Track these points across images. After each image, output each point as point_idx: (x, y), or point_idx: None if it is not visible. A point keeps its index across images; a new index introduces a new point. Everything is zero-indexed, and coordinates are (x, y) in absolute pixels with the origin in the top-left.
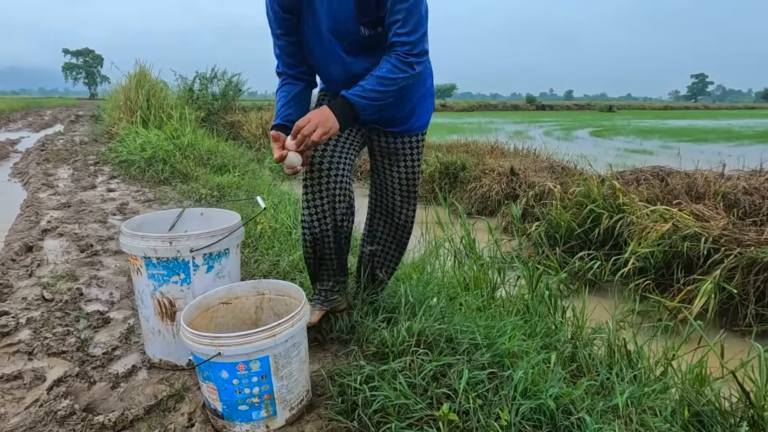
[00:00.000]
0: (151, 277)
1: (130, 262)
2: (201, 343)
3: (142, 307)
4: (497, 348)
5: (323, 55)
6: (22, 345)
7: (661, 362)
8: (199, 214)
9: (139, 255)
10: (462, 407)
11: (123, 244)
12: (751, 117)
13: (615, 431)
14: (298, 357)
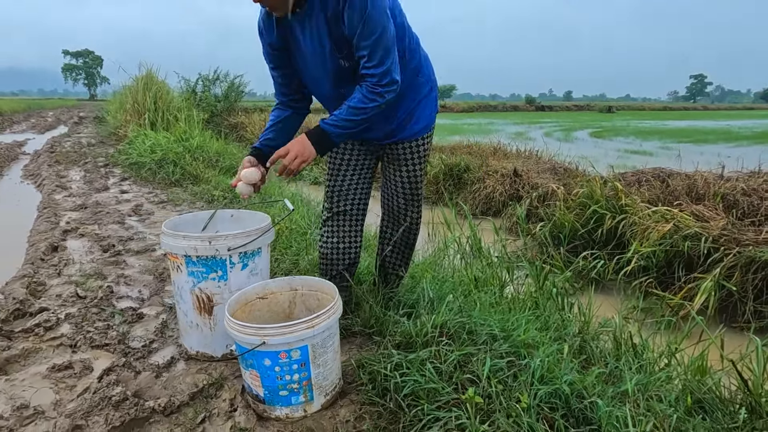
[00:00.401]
0: (190, 274)
1: (170, 260)
2: (246, 333)
3: (180, 302)
4: (513, 339)
5: (313, 82)
6: (65, 338)
7: (664, 354)
8: (230, 215)
9: (179, 254)
10: (485, 392)
11: (164, 243)
12: (750, 118)
13: (626, 413)
14: (333, 347)
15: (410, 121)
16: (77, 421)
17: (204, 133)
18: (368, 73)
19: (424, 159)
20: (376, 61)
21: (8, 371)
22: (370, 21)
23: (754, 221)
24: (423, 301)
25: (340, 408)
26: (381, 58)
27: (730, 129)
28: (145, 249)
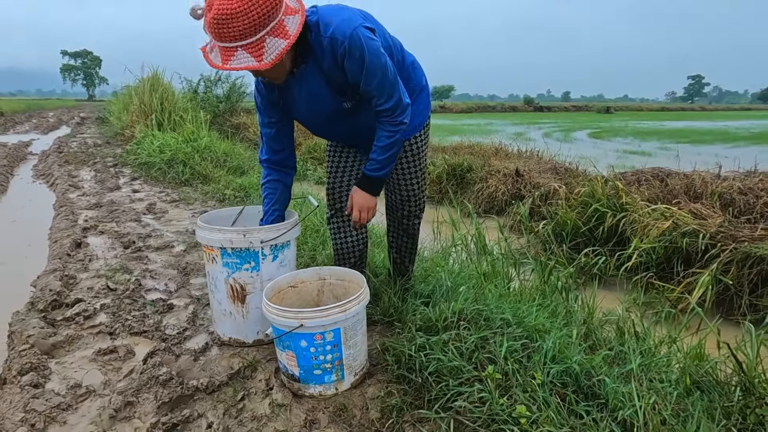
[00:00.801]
0: (225, 264)
1: (206, 252)
2: (285, 317)
3: (215, 291)
4: (525, 325)
5: (308, 121)
6: (103, 327)
7: (665, 342)
8: (257, 211)
9: (215, 246)
10: (503, 369)
11: (200, 236)
12: (747, 118)
13: (631, 389)
14: (362, 330)
15: None
16: (129, 398)
17: (211, 133)
18: (382, 109)
19: (420, 155)
20: (385, 97)
21: (56, 355)
22: (371, 67)
23: (750, 219)
24: (438, 291)
25: (368, 387)
26: (389, 93)
27: (728, 130)
28: (165, 245)
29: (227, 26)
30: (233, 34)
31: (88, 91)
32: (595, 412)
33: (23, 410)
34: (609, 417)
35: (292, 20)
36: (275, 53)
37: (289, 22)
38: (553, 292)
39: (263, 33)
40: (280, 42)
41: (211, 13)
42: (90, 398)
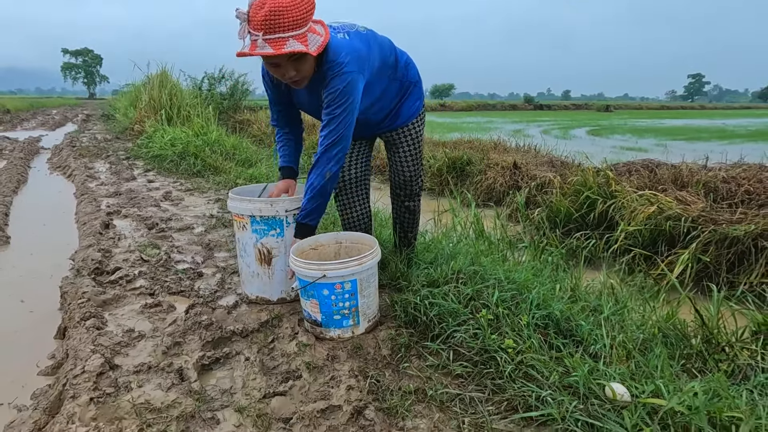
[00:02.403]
0: (254, 231)
1: (236, 221)
2: (311, 269)
3: (244, 255)
4: (515, 281)
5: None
6: (143, 289)
7: (640, 304)
8: None
9: (246, 214)
10: (494, 313)
11: (232, 206)
12: (746, 117)
13: (602, 333)
14: (374, 283)
15: (397, 117)
16: (176, 339)
17: (219, 128)
18: (321, 135)
19: (418, 139)
20: (326, 131)
21: (108, 309)
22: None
23: (731, 204)
24: (440, 258)
25: (380, 331)
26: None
27: (725, 128)
28: (186, 227)
29: (281, 17)
30: (286, 25)
31: (89, 89)
32: (571, 347)
33: (92, 344)
34: (583, 351)
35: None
36: (317, 44)
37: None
38: (544, 268)
39: (305, 29)
40: (317, 38)
41: (264, 9)
42: (144, 339)
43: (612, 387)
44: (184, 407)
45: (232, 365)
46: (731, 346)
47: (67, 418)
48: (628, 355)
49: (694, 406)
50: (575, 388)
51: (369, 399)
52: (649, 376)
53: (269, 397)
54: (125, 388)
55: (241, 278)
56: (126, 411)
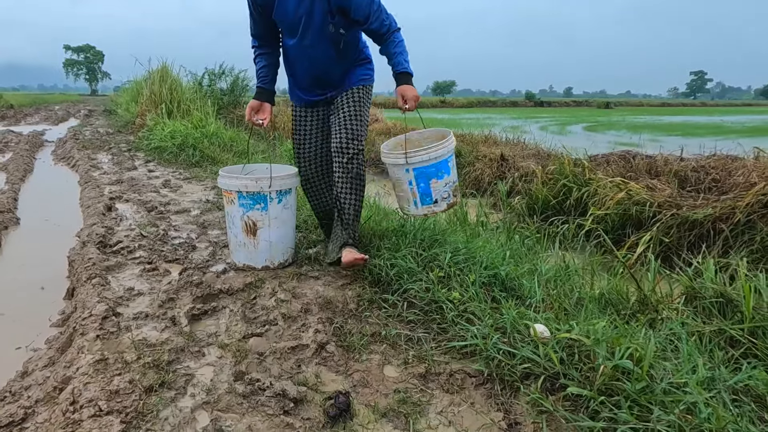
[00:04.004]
0: (241, 205)
1: (225, 196)
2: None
3: (232, 227)
4: (471, 248)
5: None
6: (142, 258)
7: (588, 273)
8: (265, 168)
9: (233, 189)
10: (446, 272)
11: (222, 183)
12: (746, 114)
13: (537, 289)
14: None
15: (345, 80)
16: (171, 295)
17: (217, 121)
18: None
19: (362, 104)
20: (380, 23)
21: (111, 273)
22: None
23: (698, 191)
24: (408, 231)
25: (348, 290)
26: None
27: (722, 124)
28: (183, 210)
29: None
30: None
31: (91, 85)
32: (511, 301)
33: (98, 296)
34: (520, 303)
35: None
36: None
37: None
38: (512, 246)
39: None
40: None
41: None
42: (142, 295)
43: (534, 327)
44: (176, 343)
45: (218, 316)
46: (659, 305)
47: (77, 350)
48: (559, 306)
49: (597, 338)
50: (505, 328)
51: (332, 339)
52: (570, 320)
53: (248, 337)
54: (126, 329)
55: (230, 248)
56: (126, 345)
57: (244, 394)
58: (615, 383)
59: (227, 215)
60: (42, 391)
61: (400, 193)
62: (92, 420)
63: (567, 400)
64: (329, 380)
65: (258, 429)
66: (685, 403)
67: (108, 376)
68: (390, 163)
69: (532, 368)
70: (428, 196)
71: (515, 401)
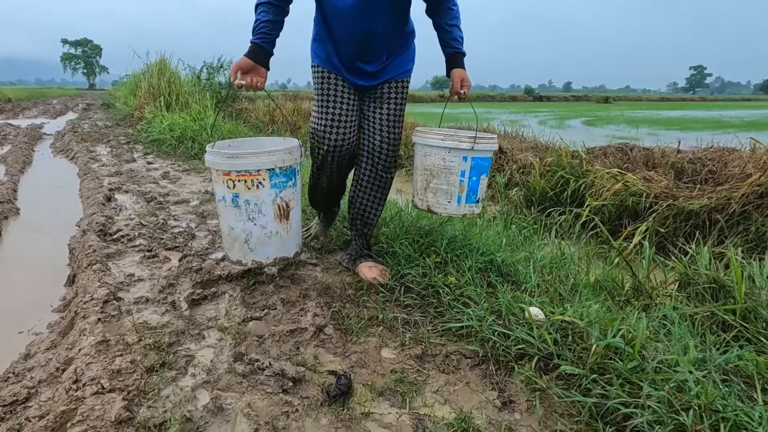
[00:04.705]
0: (273, 186)
1: (249, 179)
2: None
3: (258, 218)
4: (470, 236)
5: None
6: (143, 246)
7: (583, 260)
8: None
9: (263, 168)
10: (443, 258)
11: (247, 163)
12: (745, 108)
13: (533, 275)
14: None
15: (396, 63)
16: (171, 281)
17: (217, 114)
18: None
19: (403, 102)
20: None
21: (111, 260)
22: None
23: (694, 182)
24: (406, 219)
25: (346, 276)
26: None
27: (721, 118)
28: (182, 201)
29: None
30: None
31: (89, 80)
32: (506, 285)
33: (99, 282)
34: (517, 289)
35: None
36: None
37: None
38: (509, 234)
39: None
40: None
41: None
42: (143, 281)
43: (529, 310)
44: (176, 326)
45: (217, 301)
46: (653, 291)
47: (78, 332)
48: (554, 291)
49: (591, 320)
50: (500, 311)
51: (330, 322)
52: (564, 304)
53: (247, 321)
54: (127, 312)
55: (248, 247)
56: (127, 328)
57: (244, 374)
58: (607, 362)
59: (245, 207)
60: (45, 372)
61: (441, 186)
62: (95, 397)
63: (560, 379)
64: (327, 361)
65: (257, 407)
66: (675, 380)
67: (110, 357)
68: (443, 147)
69: (526, 349)
70: (474, 193)
71: (510, 380)
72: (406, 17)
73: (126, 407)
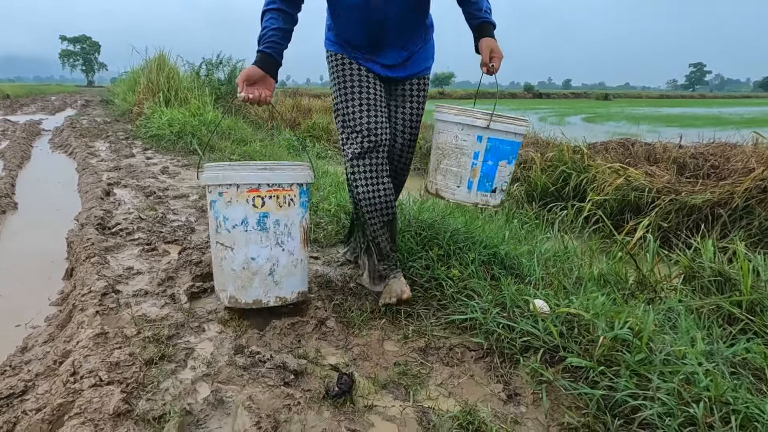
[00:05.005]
0: (302, 204)
1: (282, 194)
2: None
3: (287, 242)
4: (472, 229)
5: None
6: (142, 239)
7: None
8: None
9: (296, 182)
10: (445, 251)
11: (282, 176)
12: (745, 105)
13: (537, 268)
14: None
15: (420, 56)
16: (170, 274)
17: (215, 109)
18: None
19: (425, 100)
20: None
21: (110, 253)
22: None
23: (696, 177)
24: (407, 212)
25: (348, 270)
26: None
27: (720, 115)
28: (181, 195)
29: None
30: None
31: (87, 77)
32: (510, 277)
33: (97, 274)
34: (521, 281)
35: None
36: None
37: None
38: (511, 228)
39: None
40: None
41: None
42: (141, 274)
43: (534, 302)
44: (176, 319)
45: None
46: (658, 284)
47: (76, 325)
48: (558, 284)
49: (597, 312)
50: (505, 303)
51: (332, 315)
52: (569, 296)
53: (248, 313)
54: (125, 305)
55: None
56: (126, 321)
57: (245, 367)
58: (614, 354)
59: (274, 229)
60: (42, 365)
61: (451, 167)
62: (93, 389)
63: (566, 372)
64: (329, 354)
65: (259, 400)
66: (684, 373)
67: (108, 349)
68: (455, 122)
69: (531, 341)
70: (489, 181)
71: (515, 373)
72: (424, 7)
73: (124, 400)
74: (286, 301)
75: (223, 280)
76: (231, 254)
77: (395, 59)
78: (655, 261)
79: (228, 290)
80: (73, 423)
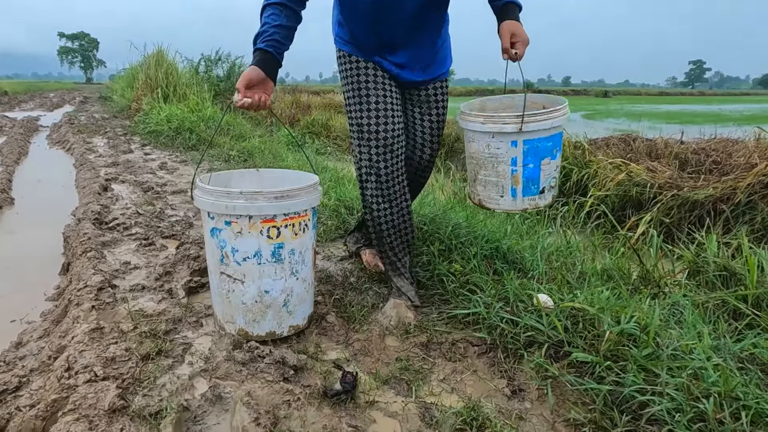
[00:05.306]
0: (314, 227)
1: (298, 221)
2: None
3: (301, 270)
4: (474, 224)
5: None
6: (139, 234)
7: (590, 249)
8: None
9: (310, 207)
10: (446, 245)
11: (299, 203)
12: (744, 103)
13: (540, 262)
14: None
15: (439, 56)
16: (168, 269)
17: (214, 105)
18: None
19: (447, 104)
20: None
21: (107, 249)
22: None
23: (699, 172)
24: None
25: (348, 265)
26: None
27: (720, 112)
28: (180, 191)
29: None
30: None
31: (86, 74)
32: (513, 272)
33: (93, 269)
34: (524, 276)
35: None
36: None
37: None
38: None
39: None
40: None
41: None
42: (139, 269)
43: (537, 296)
44: (173, 314)
45: None
46: (662, 279)
47: (72, 320)
48: (562, 279)
49: (602, 307)
50: (508, 298)
51: (332, 310)
52: (573, 290)
53: None
54: (122, 300)
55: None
56: (122, 316)
57: (243, 362)
58: (620, 349)
59: (289, 258)
60: (37, 361)
61: (490, 177)
62: (88, 385)
63: (571, 367)
64: (329, 349)
65: (257, 395)
66: (692, 368)
67: (104, 344)
68: (482, 132)
69: (535, 336)
70: (535, 184)
71: (519, 368)
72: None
73: (120, 395)
74: (298, 328)
75: (231, 312)
76: (241, 287)
77: (412, 58)
78: (659, 255)
79: (237, 323)
80: (68, 419)
